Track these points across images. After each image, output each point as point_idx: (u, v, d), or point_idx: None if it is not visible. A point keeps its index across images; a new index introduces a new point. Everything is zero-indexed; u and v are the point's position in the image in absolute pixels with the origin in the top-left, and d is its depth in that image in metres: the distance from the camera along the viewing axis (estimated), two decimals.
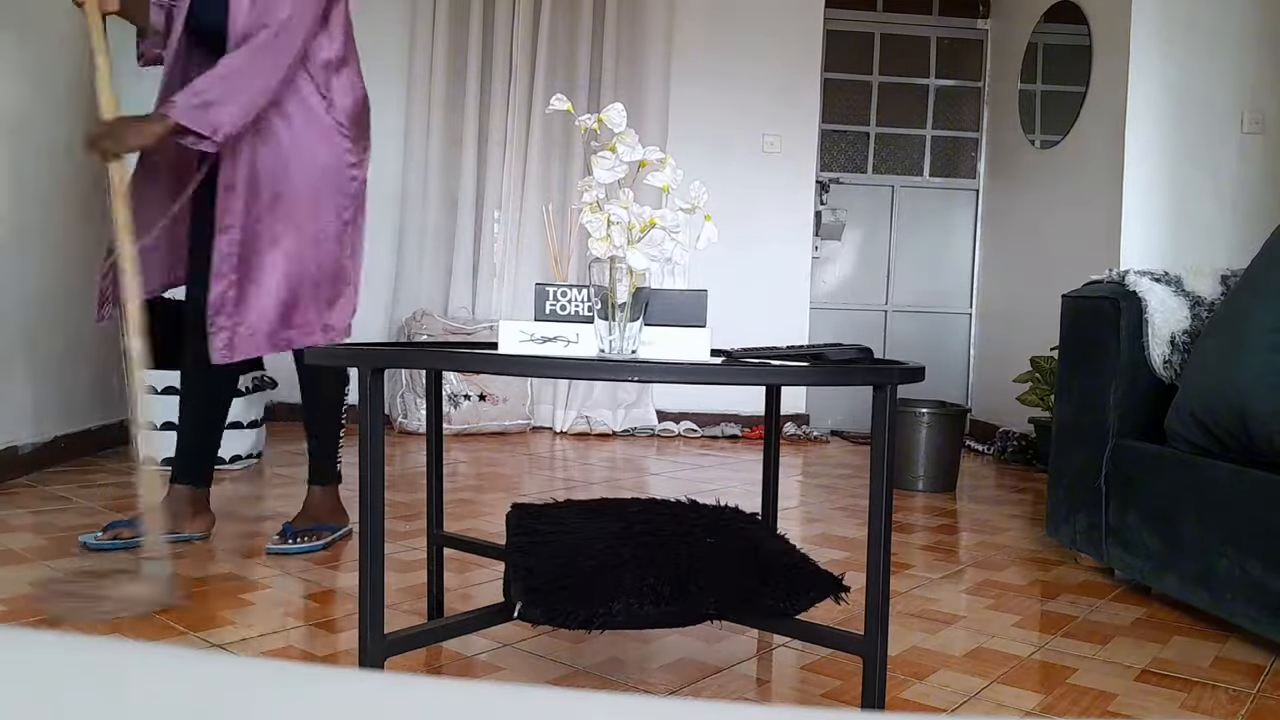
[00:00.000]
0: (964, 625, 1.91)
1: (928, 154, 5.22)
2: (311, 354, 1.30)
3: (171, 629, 1.71)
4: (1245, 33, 3.76)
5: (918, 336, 5.22)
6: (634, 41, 4.66)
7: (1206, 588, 1.91)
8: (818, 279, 5.12)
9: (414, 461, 3.66)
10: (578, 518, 1.59)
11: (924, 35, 5.19)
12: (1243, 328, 1.96)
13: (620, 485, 3.37)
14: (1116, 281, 2.33)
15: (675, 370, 1.30)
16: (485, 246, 4.62)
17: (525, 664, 1.62)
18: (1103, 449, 2.27)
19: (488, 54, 4.58)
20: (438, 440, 1.75)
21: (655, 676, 1.59)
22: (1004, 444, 4.33)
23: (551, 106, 1.33)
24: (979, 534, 2.78)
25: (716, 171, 4.65)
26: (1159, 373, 2.24)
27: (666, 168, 1.30)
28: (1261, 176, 3.79)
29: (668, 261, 1.28)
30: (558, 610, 1.33)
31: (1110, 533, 2.24)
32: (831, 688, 1.57)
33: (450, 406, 4.31)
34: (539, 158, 4.60)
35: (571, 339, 1.33)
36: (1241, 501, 1.85)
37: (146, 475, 1.99)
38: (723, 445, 4.46)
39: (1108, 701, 1.54)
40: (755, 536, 1.53)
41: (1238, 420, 1.89)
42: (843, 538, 2.64)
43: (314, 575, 2.08)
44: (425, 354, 1.77)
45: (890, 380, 1.27)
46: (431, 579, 1.79)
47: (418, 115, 4.53)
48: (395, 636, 1.32)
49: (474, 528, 2.55)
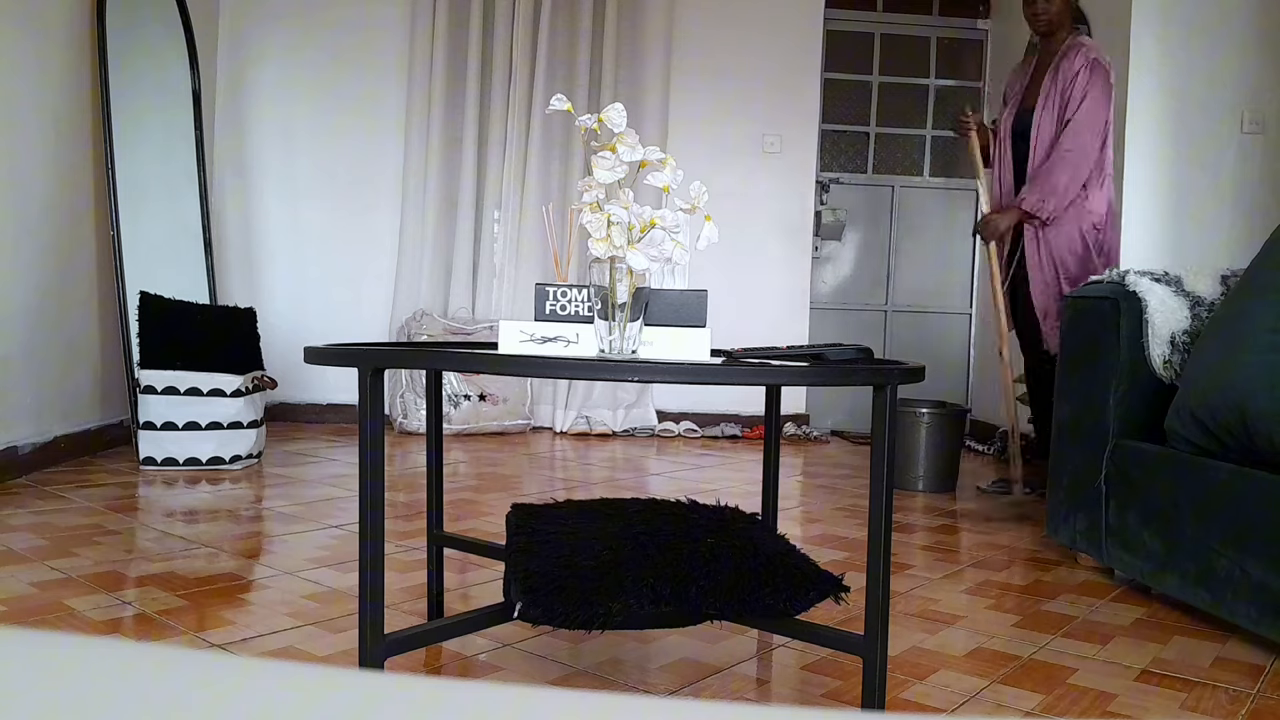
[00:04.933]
0: (964, 625, 1.91)
1: (928, 154, 5.22)
2: (311, 354, 1.30)
3: (171, 629, 1.71)
4: (1245, 33, 3.76)
5: (918, 336, 5.22)
6: (634, 41, 4.66)
7: (1206, 588, 1.91)
8: (818, 279, 5.12)
9: (414, 461, 3.66)
10: (578, 518, 1.59)
11: (924, 35, 5.19)
12: (1243, 328, 1.96)
13: (620, 485, 3.37)
14: (1116, 281, 2.33)
15: (675, 370, 1.30)
16: (485, 246, 4.62)
17: (525, 664, 1.62)
18: (1103, 449, 2.27)
19: (487, 54, 4.58)
20: (438, 440, 1.75)
21: (655, 676, 1.59)
22: (1004, 444, 4.33)
23: (551, 107, 1.33)
24: (979, 534, 2.78)
25: (716, 171, 4.65)
26: (1159, 373, 2.24)
27: (666, 168, 1.30)
28: (1261, 176, 3.79)
29: (668, 261, 1.28)
30: (558, 610, 1.33)
31: (1110, 533, 2.24)
32: (831, 688, 1.57)
33: (450, 406, 4.31)
34: (539, 158, 4.60)
35: (571, 339, 1.33)
36: (1241, 501, 1.85)
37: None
38: (723, 445, 4.46)
39: (1108, 701, 1.54)
40: (755, 536, 1.53)
41: (1238, 420, 1.89)
42: (843, 538, 2.64)
43: (314, 575, 2.08)
44: (425, 354, 1.77)
45: (890, 380, 1.27)
46: (431, 579, 1.79)
47: (418, 115, 4.53)
48: (395, 636, 1.32)
49: (474, 528, 2.55)
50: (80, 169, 3.37)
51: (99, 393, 3.50)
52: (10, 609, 1.76)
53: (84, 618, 1.74)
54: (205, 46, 4.22)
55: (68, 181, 3.28)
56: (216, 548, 2.28)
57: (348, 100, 4.57)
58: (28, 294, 3.03)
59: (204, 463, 3.24)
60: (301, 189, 4.58)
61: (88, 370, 3.43)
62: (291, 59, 4.55)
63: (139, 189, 3.60)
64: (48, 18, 3.13)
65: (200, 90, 4.06)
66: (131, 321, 3.34)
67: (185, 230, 3.97)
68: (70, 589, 1.89)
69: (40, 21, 3.09)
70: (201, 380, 3.24)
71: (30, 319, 3.04)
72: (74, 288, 3.34)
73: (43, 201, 3.12)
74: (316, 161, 4.58)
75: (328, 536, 2.41)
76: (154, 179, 3.79)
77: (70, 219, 3.31)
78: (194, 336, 3.35)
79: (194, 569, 2.08)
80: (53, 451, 3.16)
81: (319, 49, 4.56)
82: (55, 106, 3.19)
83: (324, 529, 2.49)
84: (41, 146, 3.11)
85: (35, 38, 3.06)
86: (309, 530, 2.48)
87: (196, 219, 4.02)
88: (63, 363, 3.25)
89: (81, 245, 3.40)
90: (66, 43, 3.25)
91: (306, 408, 4.57)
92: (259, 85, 4.54)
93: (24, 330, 3.00)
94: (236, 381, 3.29)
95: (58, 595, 1.85)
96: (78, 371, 3.36)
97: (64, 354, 3.26)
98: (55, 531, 2.34)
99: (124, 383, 3.49)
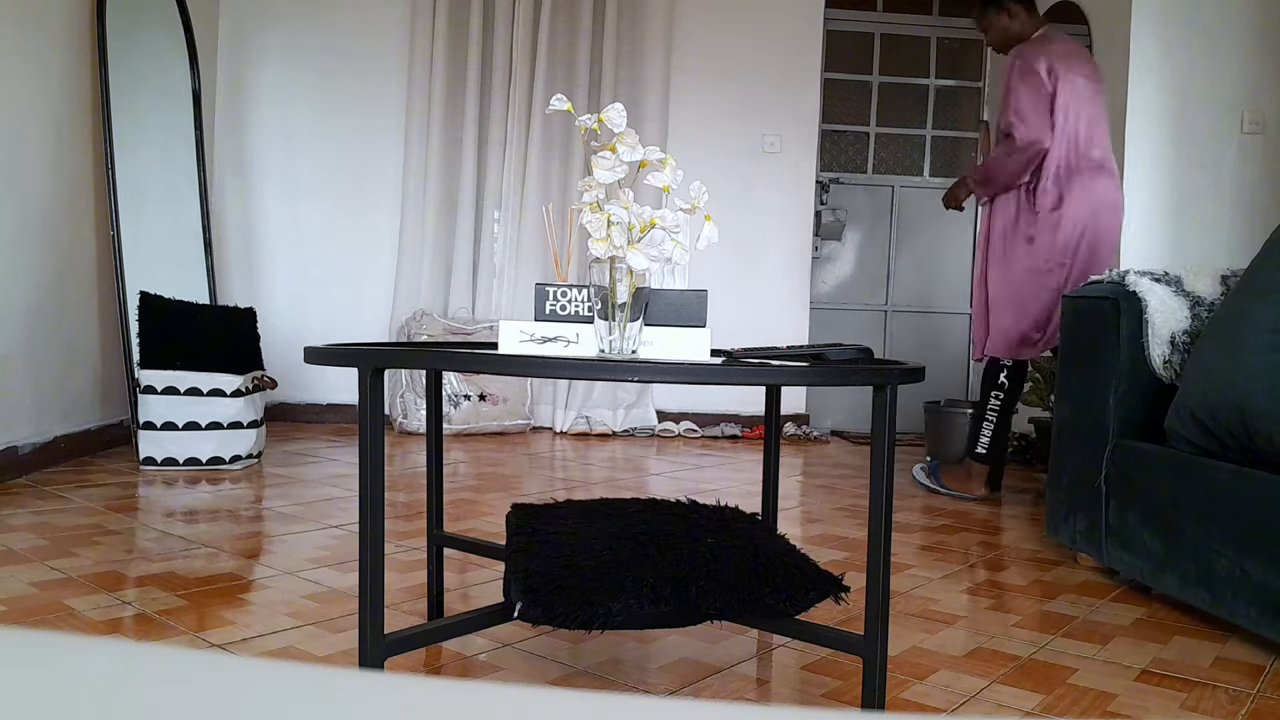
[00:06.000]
0: (964, 625, 1.91)
1: (928, 154, 5.22)
2: (310, 354, 1.30)
3: (171, 629, 1.71)
4: (1245, 33, 3.76)
5: (918, 336, 5.22)
6: (634, 41, 4.66)
7: (1206, 588, 1.91)
8: (818, 279, 5.12)
9: (414, 461, 3.66)
10: (578, 518, 1.59)
11: (924, 35, 5.19)
12: (1243, 328, 1.96)
13: (620, 485, 3.37)
14: (1116, 281, 2.33)
15: (675, 370, 1.29)
16: (485, 246, 4.62)
17: (525, 664, 1.62)
18: (1102, 449, 2.27)
19: (488, 54, 4.58)
20: (438, 440, 1.75)
21: (655, 676, 1.59)
22: None
23: (551, 107, 1.33)
24: (979, 534, 2.78)
25: (716, 171, 4.65)
26: (1159, 373, 2.24)
27: (666, 168, 1.30)
28: (1261, 176, 3.79)
29: (668, 261, 1.28)
30: (558, 610, 1.33)
31: (1110, 533, 2.24)
32: (831, 688, 1.57)
33: (450, 406, 4.31)
34: (539, 158, 4.60)
35: (571, 339, 1.33)
36: (1241, 501, 1.85)
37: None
38: (723, 445, 4.46)
39: (1108, 702, 1.54)
40: (755, 536, 1.53)
41: (1238, 420, 1.89)
42: (843, 538, 2.64)
43: (314, 575, 2.08)
44: (425, 354, 1.77)
45: (890, 380, 1.27)
46: (431, 579, 1.79)
47: (418, 115, 4.53)
48: (395, 636, 1.32)
49: (474, 528, 2.55)
50: (80, 169, 3.37)
51: (99, 393, 3.50)
52: (10, 609, 1.76)
53: (84, 618, 1.74)
54: (205, 47, 4.22)
55: (68, 182, 3.28)
56: (216, 548, 2.28)
57: (348, 100, 4.57)
58: (28, 294, 3.03)
59: (204, 463, 3.24)
60: (301, 189, 4.58)
61: (88, 370, 3.43)
62: (291, 59, 4.55)
63: (139, 189, 3.60)
64: (48, 18, 3.13)
65: (200, 91, 4.06)
66: (131, 321, 3.34)
67: (185, 230, 3.97)
68: (70, 589, 1.89)
69: (40, 22, 3.09)
70: (201, 380, 3.24)
71: (30, 319, 3.04)
72: (74, 288, 3.34)
73: (43, 202, 3.12)
74: (316, 161, 4.58)
75: (328, 536, 2.41)
76: (154, 179, 3.79)
77: (70, 219, 3.31)
78: (194, 336, 3.34)
79: (194, 569, 2.08)
80: (53, 451, 3.16)
81: (319, 49, 4.56)
82: (55, 107, 3.19)
83: (324, 529, 2.49)
84: (41, 147, 3.11)
85: (35, 38, 3.06)
86: (309, 530, 2.48)
87: (196, 219, 4.02)
88: (63, 363, 3.25)
89: (82, 245, 3.40)
90: (66, 43, 3.25)
91: (306, 408, 4.57)
92: (259, 85, 4.54)
93: (24, 330, 3.00)
94: (236, 381, 3.29)
95: (58, 595, 1.85)
96: (78, 371, 3.36)
97: (64, 354, 3.26)
98: (55, 531, 2.34)
99: (124, 383, 3.49)
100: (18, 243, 2.98)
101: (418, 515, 2.66)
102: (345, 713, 0.29)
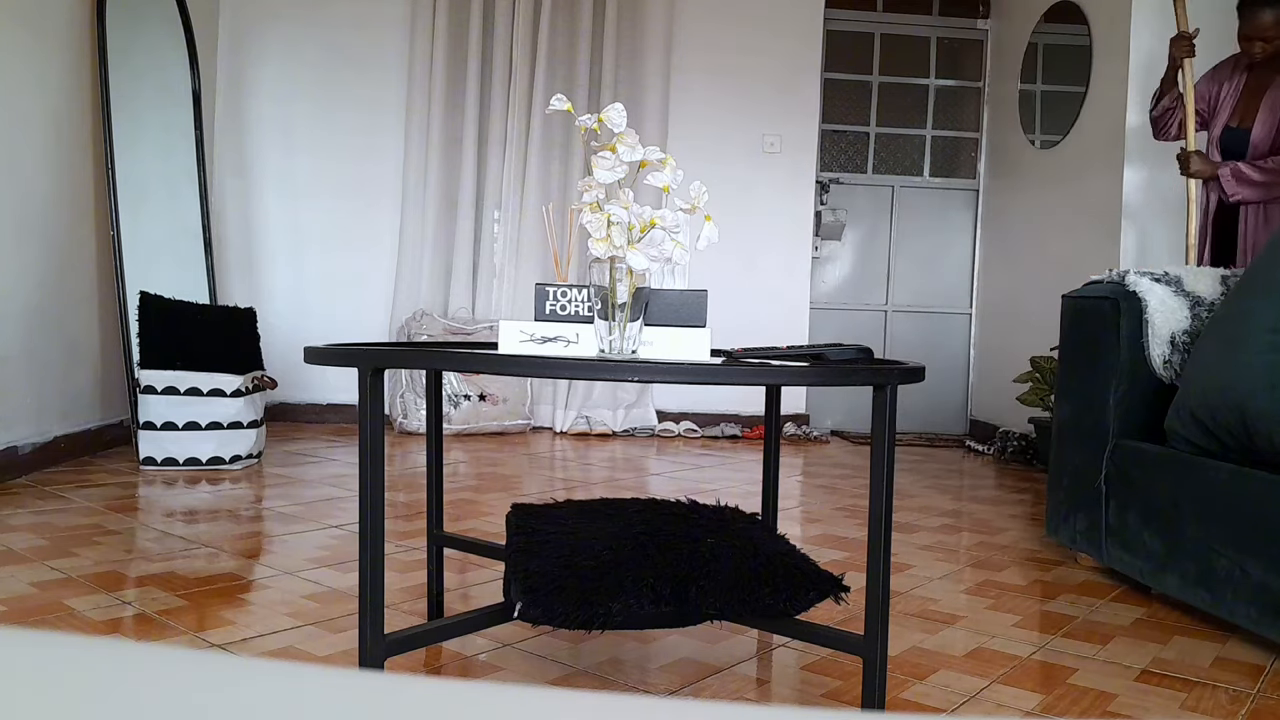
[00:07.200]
0: (964, 625, 1.91)
1: (928, 154, 5.22)
2: (310, 354, 1.30)
3: (171, 629, 1.71)
4: None
5: (918, 336, 5.22)
6: (634, 41, 4.66)
7: (1206, 588, 1.91)
8: (818, 279, 5.12)
9: (414, 461, 3.66)
10: (578, 518, 1.59)
11: (924, 35, 5.19)
12: (1243, 328, 1.96)
13: (620, 485, 3.37)
14: (1116, 281, 2.33)
15: (675, 370, 1.29)
16: (485, 246, 4.62)
17: (525, 664, 1.62)
18: (1103, 449, 2.27)
19: (488, 54, 4.59)
20: (438, 440, 1.75)
21: (655, 676, 1.59)
22: (1004, 444, 4.33)
23: (551, 106, 1.33)
24: (979, 534, 2.78)
25: (716, 171, 4.65)
26: (1159, 373, 2.24)
27: (666, 168, 1.30)
28: None
29: (668, 261, 1.28)
30: (558, 610, 1.33)
31: (1110, 533, 2.24)
32: (831, 688, 1.57)
33: (450, 406, 4.31)
34: (539, 158, 4.60)
35: (571, 339, 1.33)
36: (1241, 501, 1.85)
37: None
38: (723, 445, 4.46)
39: (1108, 701, 1.54)
40: (755, 536, 1.53)
41: (1238, 420, 1.89)
42: (843, 538, 2.64)
43: (314, 575, 2.08)
44: (425, 354, 1.77)
45: (890, 380, 1.27)
46: (431, 579, 1.79)
47: (417, 115, 4.53)
48: (395, 636, 1.32)
49: (474, 528, 2.55)
50: (80, 169, 3.37)
51: (99, 393, 3.50)
52: (10, 609, 1.76)
53: (84, 618, 1.74)
54: (205, 46, 4.22)
55: (68, 181, 3.28)
56: (216, 548, 2.28)
57: (348, 100, 4.57)
58: (28, 293, 3.03)
59: (204, 463, 3.24)
60: (301, 188, 4.58)
61: (88, 370, 3.43)
62: (291, 59, 4.55)
63: (139, 189, 3.60)
64: (48, 18, 3.13)
65: (200, 90, 4.06)
66: (131, 321, 3.34)
67: (185, 230, 3.97)
68: (70, 589, 1.89)
69: (40, 21, 3.09)
70: (201, 380, 3.24)
71: (30, 319, 3.04)
72: (74, 287, 3.34)
73: (43, 201, 3.12)
74: (316, 160, 4.58)
75: (328, 536, 2.41)
76: (154, 179, 3.79)
77: (70, 219, 3.31)
78: (194, 336, 3.35)
79: (194, 569, 2.08)
80: (53, 451, 3.16)
81: (319, 49, 4.56)
82: (55, 106, 3.19)
83: (324, 529, 2.49)
84: (42, 146, 3.11)
85: (35, 38, 3.06)
86: (309, 530, 2.48)
87: (196, 219, 4.02)
88: (63, 363, 3.25)
89: (82, 245, 3.40)
90: (66, 43, 3.25)
91: (306, 408, 4.57)
92: (259, 85, 4.54)
93: (24, 330, 3.00)
94: (236, 381, 3.29)
95: (58, 595, 1.85)
96: (78, 371, 3.36)
97: (64, 354, 3.26)
98: (55, 531, 2.34)
99: (124, 383, 3.49)
100: (18, 242, 2.98)
101: (418, 515, 2.66)
102: (345, 713, 0.29)
